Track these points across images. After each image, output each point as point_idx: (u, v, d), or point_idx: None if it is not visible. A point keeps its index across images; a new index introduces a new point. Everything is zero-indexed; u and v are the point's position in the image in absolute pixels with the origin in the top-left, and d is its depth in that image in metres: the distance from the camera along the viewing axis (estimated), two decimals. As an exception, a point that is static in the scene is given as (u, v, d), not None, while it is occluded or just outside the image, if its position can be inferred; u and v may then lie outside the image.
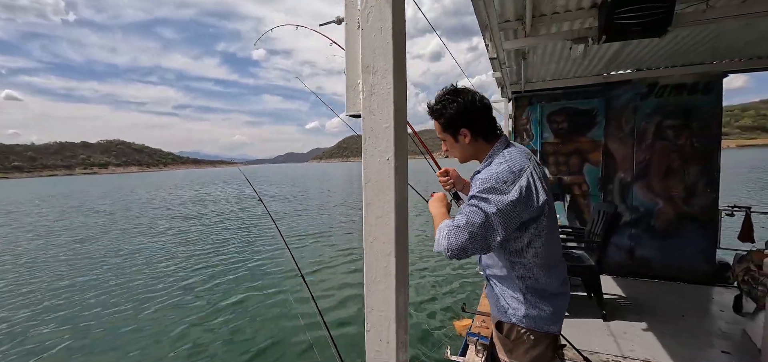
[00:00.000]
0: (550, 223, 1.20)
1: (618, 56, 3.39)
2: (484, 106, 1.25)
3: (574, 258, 3.32)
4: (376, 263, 0.68)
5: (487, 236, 1.12)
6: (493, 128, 1.28)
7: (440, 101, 1.27)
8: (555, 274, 1.25)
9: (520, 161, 1.18)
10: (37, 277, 7.81)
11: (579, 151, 4.20)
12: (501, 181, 1.13)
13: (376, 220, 0.67)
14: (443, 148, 1.37)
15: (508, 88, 4.25)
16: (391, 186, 0.66)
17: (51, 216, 18.93)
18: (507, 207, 1.11)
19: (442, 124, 1.29)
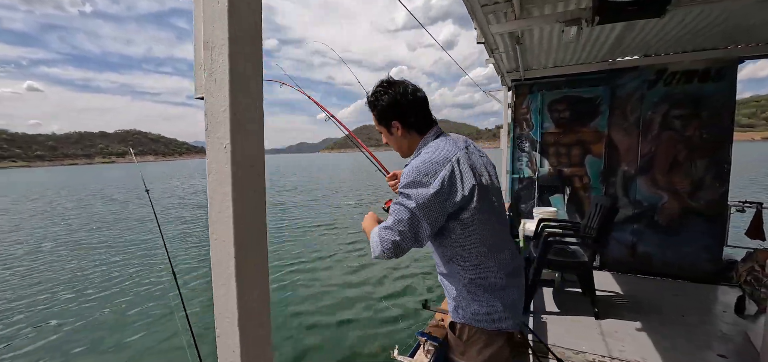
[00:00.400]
0: (482, 211, 1.13)
1: (622, 41, 3.19)
2: (416, 98, 1.22)
3: (568, 253, 3.19)
4: (219, 264, 0.61)
5: (416, 232, 1.12)
6: (426, 120, 1.25)
7: (374, 93, 1.25)
8: (499, 266, 1.17)
9: (446, 151, 1.14)
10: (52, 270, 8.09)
11: (581, 141, 4.02)
12: (422, 173, 1.10)
13: (217, 216, 0.60)
14: (384, 140, 1.33)
15: (507, 75, 4.09)
16: (228, 179, 0.58)
17: (69, 204, 19.60)
18: (429, 200, 1.08)
19: (375, 116, 1.27)
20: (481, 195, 1.12)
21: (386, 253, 1.16)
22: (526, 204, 4.37)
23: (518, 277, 1.23)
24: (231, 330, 0.62)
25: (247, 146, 0.61)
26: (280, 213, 13.81)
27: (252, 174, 0.63)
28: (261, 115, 0.64)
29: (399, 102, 1.20)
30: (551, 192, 4.24)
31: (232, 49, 0.56)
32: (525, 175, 4.36)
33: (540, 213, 3.88)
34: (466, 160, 1.14)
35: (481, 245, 1.14)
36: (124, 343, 4.35)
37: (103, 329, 4.75)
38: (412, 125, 1.23)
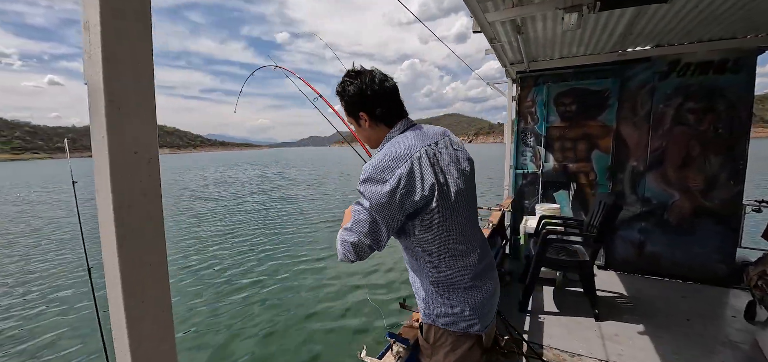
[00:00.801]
0: (444, 213, 1.05)
1: (632, 30, 3.03)
2: (384, 88, 1.14)
3: (569, 251, 3.08)
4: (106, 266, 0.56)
5: (374, 233, 1.04)
6: (395, 112, 1.17)
7: (341, 83, 1.18)
8: (464, 268, 1.10)
9: (409, 145, 1.06)
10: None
11: (587, 135, 3.87)
12: (379, 169, 1.02)
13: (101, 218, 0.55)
14: (354, 134, 1.30)
15: (511, 67, 3.95)
16: (107, 178, 0.52)
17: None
18: (384, 199, 1.00)
19: (343, 107, 1.20)
20: (442, 195, 1.05)
21: (347, 256, 1.09)
22: (530, 200, 4.25)
23: (488, 278, 1.16)
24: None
25: (130, 135, 0.54)
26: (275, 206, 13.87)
27: (138, 170, 0.56)
28: (151, 99, 0.57)
29: (364, 92, 1.12)
30: (556, 189, 4.11)
31: (106, 28, 0.50)
32: (529, 170, 4.23)
33: (543, 210, 3.76)
34: (431, 156, 1.07)
35: (442, 246, 1.07)
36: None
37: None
38: (379, 117, 1.15)
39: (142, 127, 0.56)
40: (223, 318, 4.64)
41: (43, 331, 4.55)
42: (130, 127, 0.55)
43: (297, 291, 5.43)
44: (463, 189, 1.12)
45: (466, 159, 1.18)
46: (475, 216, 1.20)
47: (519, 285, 3.35)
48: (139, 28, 0.53)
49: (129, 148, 0.55)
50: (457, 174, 1.11)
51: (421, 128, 1.16)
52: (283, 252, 7.45)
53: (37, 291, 5.84)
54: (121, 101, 0.53)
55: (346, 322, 4.39)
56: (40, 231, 10.62)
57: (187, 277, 6.16)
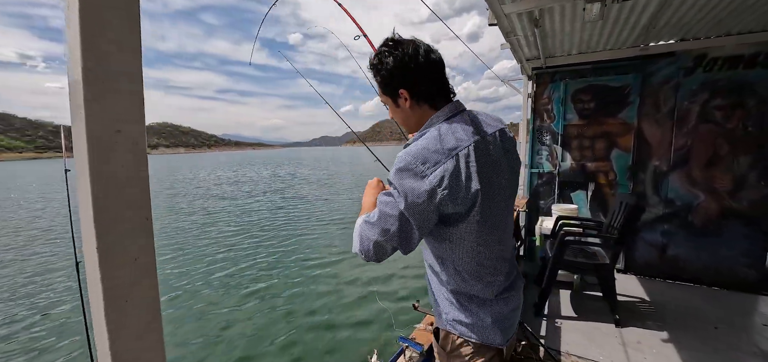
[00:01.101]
0: (484, 223, 0.92)
1: (656, 23, 2.89)
2: (430, 61, 0.95)
3: (588, 254, 2.95)
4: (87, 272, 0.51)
5: (404, 235, 0.90)
6: (441, 91, 0.98)
7: (377, 54, 0.99)
8: (492, 283, 1.00)
9: (457, 138, 0.90)
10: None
11: (607, 134, 3.73)
12: (419, 160, 0.86)
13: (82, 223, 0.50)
14: (389, 115, 1.08)
15: (526, 63, 3.83)
16: (84, 159, 0.47)
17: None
18: (421, 198, 0.85)
19: (379, 83, 1.02)
20: (486, 204, 0.90)
21: (365, 255, 0.95)
22: (546, 200, 4.12)
23: (514, 291, 1.06)
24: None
25: (112, 109, 0.48)
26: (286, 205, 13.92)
27: (122, 151, 0.49)
28: (137, 73, 0.51)
29: (406, 65, 0.94)
30: (573, 189, 3.97)
31: (70, 20, 0.45)
32: (545, 169, 4.10)
33: (559, 211, 3.64)
34: (481, 154, 0.91)
35: (473, 261, 0.96)
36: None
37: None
38: (423, 95, 0.97)
39: (128, 103, 0.50)
40: (233, 316, 4.64)
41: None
42: (113, 100, 0.48)
43: (304, 291, 5.37)
44: (507, 198, 0.99)
45: (516, 159, 1.04)
46: (511, 223, 1.06)
47: (534, 288, 3.24)
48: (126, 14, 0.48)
49: (110, 125, 0.49)
50: (504, 179, 0.96)
51: (472, 115, 0.98)
52: (292, 252, 7.45)
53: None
54: (102, 70, 0.47)
55: (355, 324, 4.30)
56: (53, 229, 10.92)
57: (199, 278, 6.20)
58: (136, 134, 0.53)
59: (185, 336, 4.19)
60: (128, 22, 0.49)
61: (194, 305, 4.99)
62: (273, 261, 6.86)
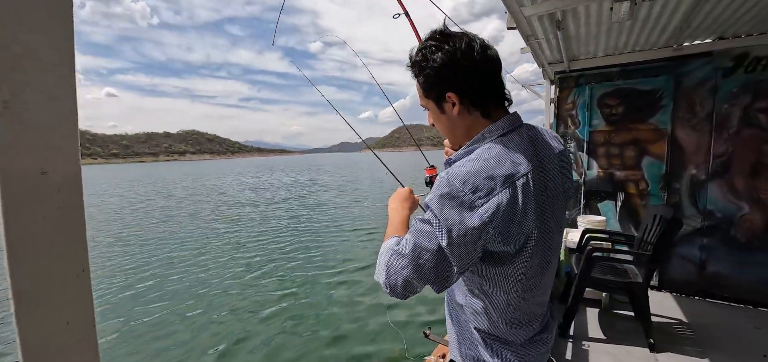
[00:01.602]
0: (530, 266, 0.78)
1: (691, 21, 2.68)
2: (486, 58, 0.79)
3: (618, 271, 2.75)
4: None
5: (440, 273, 0.75)
6: (497, 99, 0.82)
7: (421, 49, 0.82)
8: (526, 329, 0.89)
9: (513, 162, 0.74)
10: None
11: (637, 140, 3.49)
12: (469, 187, 0.70)
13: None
14: (429, 121, 0.91)
15: (548, 67, 3.66)
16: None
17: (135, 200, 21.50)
18: (469, 235, 0.70)
19: (422, 83, 0.84)
20: (536, 246, 0.77)
21: (390, 289, 0.79)
22: (570, 211, 3.91)
23: (547, 332, 0.94)
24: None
25: (35, 147, 0.40)
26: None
27: (47, 197, 0.41)
28: (70, 102, 0.43)
29: (458, 62, 0.77)
30: (600, 199, 3.74)
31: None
32: (569, 178, 3.89)
33: (586, 223, 3.43)
34: (540, 183, 0.77)
35: (510, 307, 0.84)
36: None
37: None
38: (475, 101, 0.80)
39: (56, 139, 0.42)
40: (249, 330, 4.63)
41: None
42: (36, 136, 0.41)
43: (312, 305, 5.26)
44: (558, 239, 0.86)
45: (570, 188, 0.91)
46: (557, 259, 0.93)
47: (558, 306, 3.05)
48: (55, 11, 0.40)
49: (32, 166, 0.41)
50: (558, 215, 0.83)
51: (531, 133, 0.83)
52: (308, 260, 7.44)
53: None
54: (21, 101, 0.39)
55: (362, 347, 4.07)
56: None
57: (217, 287, 6.27)
58: (67, 175, 0.44)
59: (201, 341, 4.20)
60: (57, 27, 0.42)
61: (213, 308, 5.03)
62: (289, 270, 6.86)
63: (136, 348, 4.21)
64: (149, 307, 5.32)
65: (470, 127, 0.83)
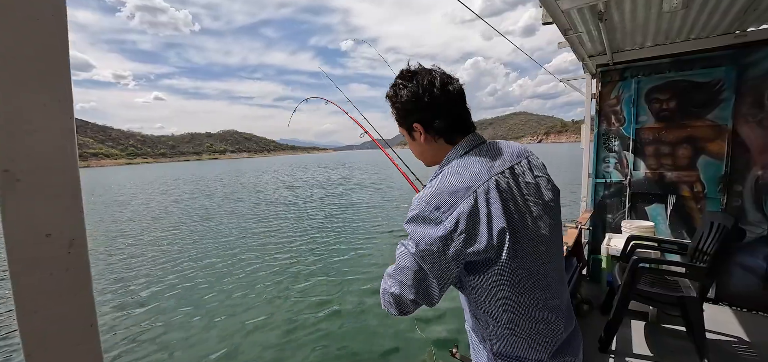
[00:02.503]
0: (518, 265, 0.78)
1: (757, 3, 2.38)
2: (446, 93, 0.88)
3: (668, 284, 2.51)
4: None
5: (421, 287, 0.83)
6: (459, 125, 0.91)
7: (393, 86, 0.95)
8: (541, 343, 0.83)
9: (473, 174, 0.80)
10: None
11: (692, 138, 3.17)
12: (433, 205, 0.78)
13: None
14: (408, 146, 1.04)
15: (589, 60, 3.41)
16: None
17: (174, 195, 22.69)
18: (435, 246, 0.76)
19: (394, 115, 0.97)
20: (517, 244, 0.78)
21: (387, 307, 0.91)
22: (614, 215, 3.64)
23: (568, 352, 0.87)
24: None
25: (38, 212, 0.41)
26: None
27: (55, 260, 0.42)
28: (71, 157, 0.43)
29: (420, 98, 0.88)
30: (648, 202, 3.45)
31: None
32: (612, 179, 3.62)
33: (631, 229, 3.17)
34: (504, 189, 0.80)
35: (513, 313, 0.82)
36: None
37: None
38: (438, 130, 0.90)
39: (60, 203, 0.42)
40: (259, 321, 4.73)
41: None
42: (39, 201, 0.41)
43: (341, 311, 5.16)
44: (547, 234, 0.85)
45: (550, 189, 0.90)
46: (562, 267, 0.91)
47: (599, 318, 2.85)
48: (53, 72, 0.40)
49: (38, 230, 0.41)
50: (538, 211, 0.84)
51: (491, 147, 0.89)
52: (339, 263, 7.48)
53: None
54: (21, 167, 0.39)
55: (386, 358, 3.92)
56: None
57: (251, 290, 6.48)
58: (74, 235, 0.44)
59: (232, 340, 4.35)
60: (56, 88, 0.41)
61: (243, 302, 5.20)
62: (316, 271, 6.94)
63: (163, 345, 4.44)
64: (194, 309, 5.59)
65: (437, 152, 0.93)
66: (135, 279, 6.83)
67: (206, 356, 4.03)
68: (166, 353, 4.18)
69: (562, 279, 0.89)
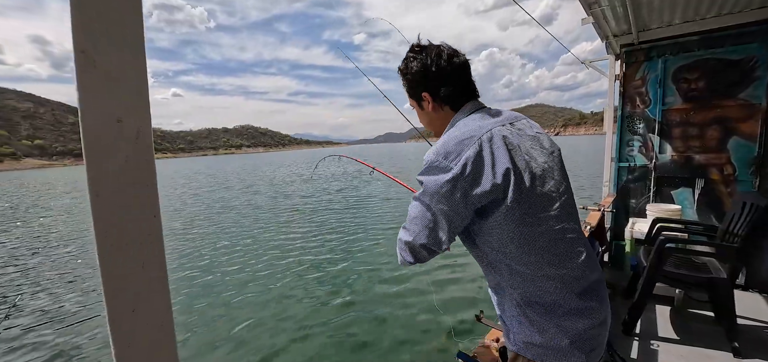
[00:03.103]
0: (528, 204, 0.83)
1: (797, -26, 2.27)
2: (451, 64, 0.97)
3: (696, 265, 2.43)
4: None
5: (432, 231, 0.88)
6: (463, 93, 1.00)
7: (404, 60, 1.04)
8: (563, 282, 0.84)
9: (478, 127, 0.88)
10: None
11: (722, 118, 3.06)
12: (442, 154, 0.85)
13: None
14: (419, 118, 1.13)
15: (613, 40, 3.31)
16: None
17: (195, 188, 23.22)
18: (444, 188, 0.83)
19: (406, 87, 1.06)
20: (523, 181, 0.83)
21: (403, 257, 0.96)
22: (638, 199, 3.55)
23: (598, 299, 0.88)
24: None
25: (111, 98, 0.45)
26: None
27: (122, 143, 0.46)
28: (140, 64, 0.47)
29: (428, 69, 0.97)
30: (674, 186, 3.35)
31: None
32: (637, 162, 3.52)
33: (657, 212, 3.09)
34: (505, 136, 0.86)
35: (529, 250, 0.84)
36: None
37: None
38: (444, 98, 0.99)
39: (129, 93, 0.46)
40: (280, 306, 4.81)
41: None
42: (112, 89, 0.45)
43: (358, 289, 5.30)
44: (554, 176, 0.90)
45: (550, 143, 0.97)
46: (575, 211, 0.95)
47: (621, 301, 2.80)
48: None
49: (110, 114, 0.45)
50: (542, 157, 0.90)
51: (492, 110, 0.97)
52: (355, 242, 7.57)
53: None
54: (98, 57, 0.43)
55: (407, 333, 3.96)
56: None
57: (271, 285, 6.61)
58: (140, 126, 0.48)
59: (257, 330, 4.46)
60: (128, 6, 0.46)
61: (263, 290, 5.32)
62: (339, 251, 7.04)
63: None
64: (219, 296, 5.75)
65: (444, 119, 1.01)
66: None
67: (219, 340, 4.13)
68: (180, 334, 4.29)
69: (575, 220, 0.92)
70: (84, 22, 0.43)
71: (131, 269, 0.49)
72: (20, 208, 18.35)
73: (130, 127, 0.47)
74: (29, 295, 5.82)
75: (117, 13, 0.45)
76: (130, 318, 0.50)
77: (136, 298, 0.50)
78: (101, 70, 0.44)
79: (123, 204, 0.47)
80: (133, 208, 0.48)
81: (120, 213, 0.47)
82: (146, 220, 0.50)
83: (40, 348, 4.13)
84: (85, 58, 0.43)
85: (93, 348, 4.09)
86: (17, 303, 5.54)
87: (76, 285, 6.19)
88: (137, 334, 0.51)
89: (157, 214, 0.51)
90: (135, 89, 0.47)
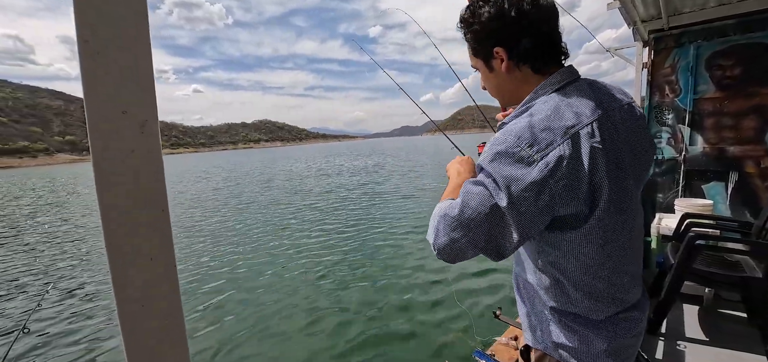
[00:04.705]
0: (611, 224, 0.69)
1: None
2: (538, 7, 0.72)
3: (728, 263, 2.31)
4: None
5: (495, 236, 0.69)
6: (551, 52, 0.76)
7: (469, 6, 0.78)
8: (611, 300, 0.76)
9: (576, 112, 0.67)
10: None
11: (760, 108, 2.87)
12: (524, 142, 0.64)
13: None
14: (481, 84, 0.88)
15: (642, 26, 3.15)
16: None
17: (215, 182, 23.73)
18: (528, 191, 0.63)
19: (471, 40, 0.81)
20: (616, 198, 0.68)
21: (438, 251, 0.74)
22: (665, 194, 3.39)
23: (638, 310, 0.81)
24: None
25: (115, 90, 0.44)
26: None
27: (127, 134, 0.45)
28: (145, 53, 0.46)
29: (506, 14, 0.72)
30: (706, 180, 3.18)
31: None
32: (665, 155, 3.36)
33: (686, 207, 2.94)
34: (608, 133, 0.69)
35: (592, 274, 0.73)
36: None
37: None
38: (524, 56, 0.75)
39: (134, 84, 0.46)
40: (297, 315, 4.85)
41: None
42: (115, 78, 0.44)
43: (374, 282, 5.27)
44: (635, 189, 0.75)
45: (649, 139, 0.79)
46: (641, 220, 0.79)
47: (647, 299, 2.68)
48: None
49: (114, 106, 0.44)
50: (635, 166, 0.73)
51: (592, 84, 0.76)
52: (375, 238, 7.59)
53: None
54: (101, 46, 0.43)
55: (422, 328, 3.87)
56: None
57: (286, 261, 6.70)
58: (146, 116, 0.47)
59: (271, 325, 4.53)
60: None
61: (281, 281, 5.40)
62: (356, 245, 7.08)
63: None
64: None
65: (520, 85, 0.77)
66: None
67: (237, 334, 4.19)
68: (191, 324, 4.36)
69: (640, 240, 0.81)
70: (86, 10, 0.42)
71: (139, 262, 0.49)
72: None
73: (136, 118, 0.46)
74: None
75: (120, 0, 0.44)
76: (139, 312, 0.50)
77: (145, 292, 0.50)
78: (105, 60, 0.43)
79: (130, 196, 0.47)
80: (140, 201, 0.48)
81: (127, 205, 0.47)
82: (154, 213, 0.49)
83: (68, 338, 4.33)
84: (88, 48, 0.42)
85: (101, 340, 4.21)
86: (53, 287, 5.82)
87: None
88: (146, 328, 0.51)
89: (164, 208, 0.51)
90: (140, 80, 0.46)
